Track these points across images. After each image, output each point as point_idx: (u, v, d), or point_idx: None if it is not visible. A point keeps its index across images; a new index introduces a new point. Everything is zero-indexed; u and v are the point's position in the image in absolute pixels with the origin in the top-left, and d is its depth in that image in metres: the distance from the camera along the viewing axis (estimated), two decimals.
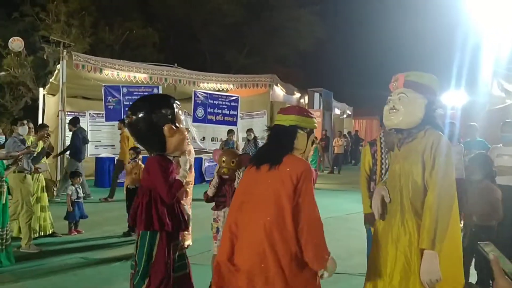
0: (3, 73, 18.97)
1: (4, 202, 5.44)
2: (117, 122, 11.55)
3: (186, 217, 3.34)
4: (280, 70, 21.21)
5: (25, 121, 6.52)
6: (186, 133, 3.32)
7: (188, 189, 5.99)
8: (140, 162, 7.34)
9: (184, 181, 3.25)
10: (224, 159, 4.43)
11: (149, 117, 3.20)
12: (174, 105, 3.27)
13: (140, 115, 3.22)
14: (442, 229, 2.61)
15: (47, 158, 7.31)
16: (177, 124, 3.23)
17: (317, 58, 30.72)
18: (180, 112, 3.30)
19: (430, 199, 2.68)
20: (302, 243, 2.48)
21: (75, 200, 7.28)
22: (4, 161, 5.62)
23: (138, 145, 8.11)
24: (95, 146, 14.88)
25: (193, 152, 6.47)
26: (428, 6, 19.90)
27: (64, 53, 11.75)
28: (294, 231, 2.49)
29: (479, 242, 1.63)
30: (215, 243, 4.47)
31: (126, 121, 3.37)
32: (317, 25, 29.24)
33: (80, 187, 7.63)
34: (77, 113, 13.52)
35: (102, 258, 6.00)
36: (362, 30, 29.69)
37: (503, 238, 4.71)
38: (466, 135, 8.94)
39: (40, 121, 14.12)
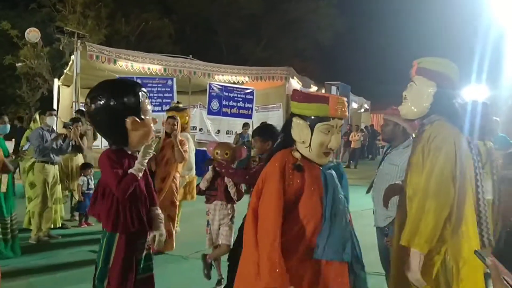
0: (20, 64, 19.06)
1: (5, 190, 5.27)
2: None
3: (156, 219, 3.06)
4: (297, 63, 20.98)
5: (53, 111, 6.41)
6: (151, 124, 2.94)
7: (173, 182, 5.78)
8: None
9: (139, 174, 2.87)
10: (217, 151, 4.31)
11: (109, 107, 2.83)
12: (140, 93, 2.89)
13: (99, 103, 2.83)
14: (425, 233, 2.33)
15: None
16: (142, 116, 2.88)
17: (335, 52, 30.33)
18: (147, 101, 2.94)
19: (414, 202, 2.44)
20: None
21: (86, 191, 7.16)
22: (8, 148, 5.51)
23: None
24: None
25: (190, 144, 6.32)
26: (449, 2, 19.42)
27: (78, 43, 11.69)
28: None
29: (475, 250, 1.55)
30: (207, 236, 4.46)
31: (84, 110, 3.11)
32: (335, 18, 28.87)
33: (92, 178, 7.51)
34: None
35: None
36: (381, 23, 29.21)
37: None
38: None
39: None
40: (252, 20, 27.07)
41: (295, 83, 16.57)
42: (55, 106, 14.12)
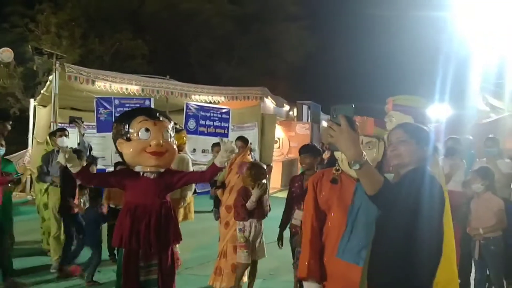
0: None
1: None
2: (109, 133, 11.61)
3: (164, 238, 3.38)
4: (268, 82, 21.35)
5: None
6: (139, 146, 3.33)
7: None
8: None
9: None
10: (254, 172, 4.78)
11: (112, 133, 3.43)
12: (134, 118, 3.36)
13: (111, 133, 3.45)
14: None
15: None
16: (130, 137, 3.33)
17: (305, 71, 31.02)
18: (144, 123, 3.33)
19: None
20: None
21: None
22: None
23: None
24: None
25: (190, 164, 6.51)
26: (416, 22, 20.28)
27: (57, 64, 11.75)
28: None
29: None
30: (245, 251, 4.77)
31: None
32: (305, 39, 29.59)
33: (87, 198, 7.56)
34: (67, 125, 13.49)
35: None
36: (351, 44, 30.12)
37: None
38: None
39: (30, 132, 14.10)
40: (224, 40, 27.49)
41: (269, 103, 16.98)
42: (30, 127, 14.09)
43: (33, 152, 13.44)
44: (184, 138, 6.69)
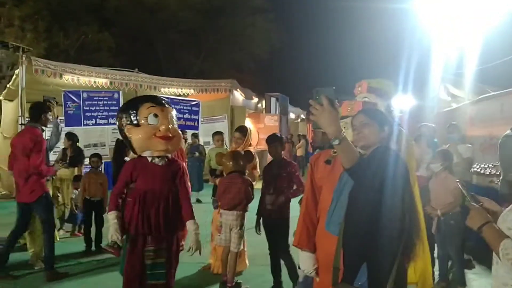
0: None
1: None
2: (77, 127, 11.62)
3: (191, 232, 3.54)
4: (236, 75, 21.51)
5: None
6: (149, 131, 3.43)
7: None
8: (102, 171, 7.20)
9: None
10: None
11: (118, 122, 3.55)
12: (142, 104, 3.48)
13: (117, 121, 3.57)
14: None
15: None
16: (139, 123, 3.46)
17: (272, 64, 31.28)
18: (152, 109, 3.46)
19: None
20: None
21: (77, 203, 7.23)
22: None
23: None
24: (53, 152, 14.63)
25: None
26: (380, 14, 20.76)
27: (23, 58, 11.59)
28: None
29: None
30: (219, 235, 4.96)
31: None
32: (272, 32, 29.80)
33: None
34: None
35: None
36: (317, 36, 30.53)
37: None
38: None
39: None
40: (191, 34, 27.42)
41: (238, 95, 17.13)
42: None
43: (0, 146, 13.21)
44: None
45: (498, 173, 6.69)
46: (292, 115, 25.85)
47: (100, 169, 7.35)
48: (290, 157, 19.65)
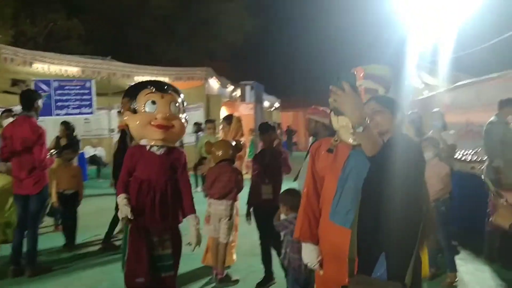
0: None
1: None
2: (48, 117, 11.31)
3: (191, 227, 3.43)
4: (210, 63, 21.25)
5: (13, 113, 6.07)
6: (145, 118, 3.28)
7: None
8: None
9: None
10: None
11: (120, 108, 3.50)
12: (141, 90, 3.32)
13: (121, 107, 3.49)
14: None
15: None
16: (136, 110, 3.31)
17: (247, 51, 31.03)
18: (151, 95, 3.28)
19: None
20: None
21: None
22: None
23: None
24: None
25: None
26: (355, 2, 20.74)
27: None
28: None
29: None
30: (207, 225, 4.80)
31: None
32: (245, 19, 29.51)
33: None
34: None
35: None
36: (291, 24, 30.40)
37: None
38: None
39: None
40: (164, 20, 26.92)
41: (214, 83, 16.94)
42: None
43: None
44: None
45: (479, 159, 6.78)
46: (266, 103, 25.77)
47: (73, 161, 6.98)
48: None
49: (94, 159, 13.79)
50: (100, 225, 6.68)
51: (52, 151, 5.74)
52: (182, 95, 3.53)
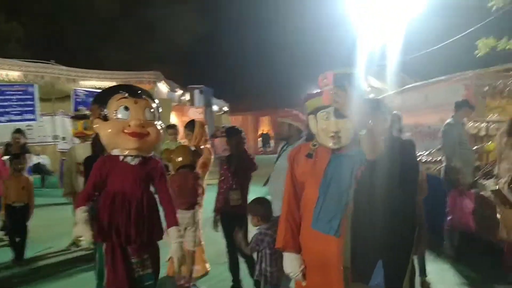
0: None
1: None
2: None
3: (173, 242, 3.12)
4: (157, 66, 20.84)
5: None
6: (117, 126, 2.98)
7: None
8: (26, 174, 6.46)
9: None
10: None
11: (90, 115, 3.25)
12: (112, 96, 3.04)
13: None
14: None
15: None
16: (108, 116, 3.02)
17: (195, 55, 30.75)
18: (123, 101, 3.00)
19: None
20: None
21: None
22: None
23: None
24: None
25: None
26: (305, 6, 20.94)
27: None
28: None
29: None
30: None
31: None
32: (194, 23, 29.23)
33: None
34: None
35: None
36: (240, 28, 30.36)
37: None
38: None
39: None
40: (109, 23, 26.22)
41: (163, 87, 16.64)
42: None
43: None
44: None
45: (433, 160, 6.97)
46: (215, 107, 25.59)
47: (23, 172, 6.56)
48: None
49: (38, 168, 13.15)
50: (51, 237, 6.35)
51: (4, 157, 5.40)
52: (156, 101, 3.28)
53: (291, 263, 2.76)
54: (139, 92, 3.14)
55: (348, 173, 2.68)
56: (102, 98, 3.11)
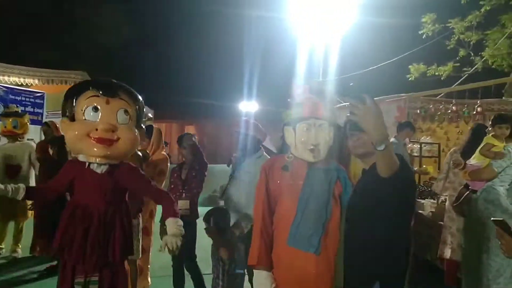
0: None
1: None
2: None
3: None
4: (84, 67, 19.91)
5: None
6: (83, 129, 2.60)
7: None
8: None
9: None
10: None
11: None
12: (83, 92, 2.64)
13: None
14: None
15: None
16: (75, 116, 2.64)
17: (121, 58, 29.75)
18: (93, 99, 2.63)
19: None
20: None
21: None
22: None
23: None
24: None
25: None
26: (242, 20, 20.91)
27: None
28: None
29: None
30: None
31: None
32: (123, 24, 28.33)
33: None
34: None
35: None
36: (168, 35, 29.84)
37: None
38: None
39: None
40: (33, 19, 24.70)
41: None
42: None
43: None
44: (28, 122, 5.84)
45: None
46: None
47: None
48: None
49: None
50: None
51: None
52: (139, 101, 2.86)
53: (263, 281, 2.62)
54: (116, 89, 2.71)
55: (326, 187, 2.61)
56: (72, 93, 2.70)
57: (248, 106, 24.83)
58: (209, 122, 28.56)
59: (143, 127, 2.90)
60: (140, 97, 2.89)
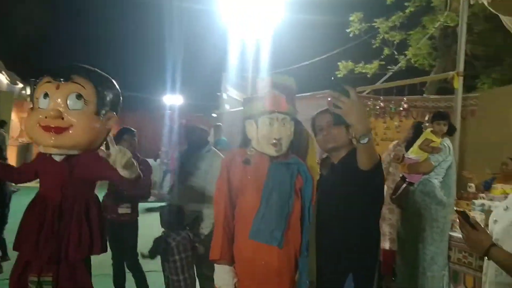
0: None
1: None
2: None
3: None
4: None
5: None
6: (33, 117, 2.45)
7: None
8: None
9: None
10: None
11: None
12: (42, 78, 2.51)
13: None
14: None
15: None
16: (34, 105, 2.52)
17: (38, 46, 28.09)
18: (46, 86, 2.47)
19: None
20: None
21: None
22: None
23: None
24: None
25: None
26: (168, 9, 20.37)
27: None
28: None
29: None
30: None
31: None
32: (40, 11, 26.72)
33: None
34: None
35: None
36: (89, 20, 28.61)
37: None
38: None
39: None
40: None
41: (3, 79, 14.94)
42: None
43: None
44: None
45: None
46: None
47: None
48: None
49: None
50: None
51: None
52: (103, 84, 2.60)
53: (224, 276, 2.61)
54: (69, 73, 2.48)
55: (288, 181, 2.62)
56: (34, 82, 2.57)
57: (172, 99, 24.36)
58: (133, 114, 27.82)
59: (114, 113, 2.63)
60: (106, 80, 2.68)
